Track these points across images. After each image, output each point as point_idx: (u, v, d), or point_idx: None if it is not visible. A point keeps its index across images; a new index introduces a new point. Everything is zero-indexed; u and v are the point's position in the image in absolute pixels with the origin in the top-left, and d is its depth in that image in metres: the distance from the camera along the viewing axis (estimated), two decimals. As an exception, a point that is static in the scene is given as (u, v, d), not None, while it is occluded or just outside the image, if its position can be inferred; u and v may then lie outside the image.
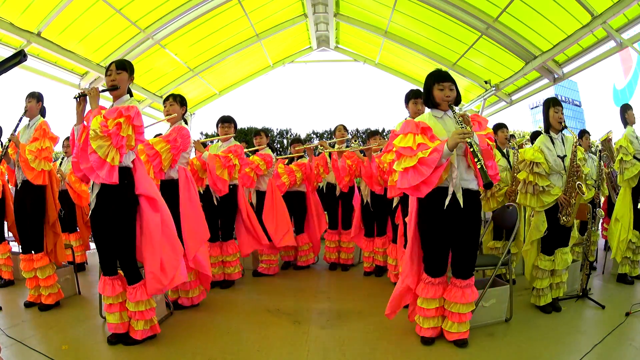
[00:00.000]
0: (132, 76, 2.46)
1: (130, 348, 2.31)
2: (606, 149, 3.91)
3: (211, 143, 3.90)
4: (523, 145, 3.92)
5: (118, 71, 2.37)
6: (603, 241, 4.82)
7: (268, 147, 4.17)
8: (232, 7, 5.69)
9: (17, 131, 3.04)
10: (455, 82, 2.32)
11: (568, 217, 2.69)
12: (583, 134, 4.32)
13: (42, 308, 2.93)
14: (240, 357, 2.23)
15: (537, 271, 2.82)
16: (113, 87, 2.36)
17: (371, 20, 6.49)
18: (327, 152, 4.20)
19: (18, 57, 1.29)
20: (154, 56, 6.11)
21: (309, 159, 4.31)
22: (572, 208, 2.67)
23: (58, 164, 4.25)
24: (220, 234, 3.60)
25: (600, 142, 4.04)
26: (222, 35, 6.38)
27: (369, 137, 3.89)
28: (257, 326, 2.67)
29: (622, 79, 13.88)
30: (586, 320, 2.74)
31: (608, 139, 3.89)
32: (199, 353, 2.26)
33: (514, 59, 5.86)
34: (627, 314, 2.65)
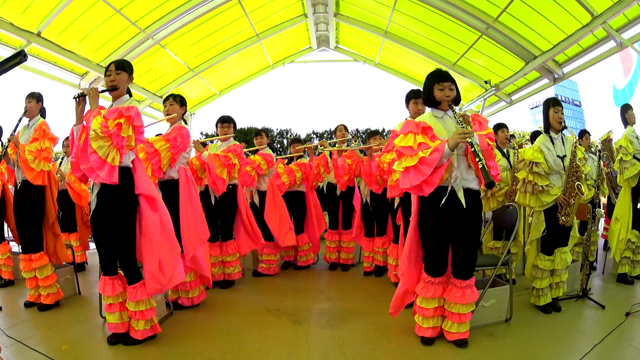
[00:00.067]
0: (132, 76, 2.46)
1: (130, 348, 2.31)
2: (606, 149, 3.92)
3: (211, 143, 3.90)
4: (523, 145, 3.92)
5: (117, 71, 2.37)
6: (603, 241, 4.83)
7: (268, 147, 4.17)
8: (232, 7, 5.69)
9: (17, 131, 3.05)
10: (455, 82, 2.32)
11: (567, 217, 2.69)
12: (583, 134, 4.32)
13: (42, 308, 2.93)
14: (240, 357, 2.23)
15: (537, 271, 2.82)
16: (112, 88, 2.36)
17: (371, 20, 6.48)
18: (328, 152, 4.21)
19: (18, 58, 1.29)
20: (154, 56, 6.11)
21: (310, 159, 4.31)
22: (571, 208, 2.67)
23: (58, 164, 4.25)
24: (220, 234, 3.60)
25: (600, 142, 4.05)
26: (222, 35, 6.38)
27: (369, 137, 3.89)
28: (257, 326, 2.67)
29: (622, 79, 13.87)
30: (586, 320, 2.74)
31: (608, 139, 3.90)
32: (199, 353, 2.26)
33: (514, 59, 5.86)
34: (627, 314, 2.65)
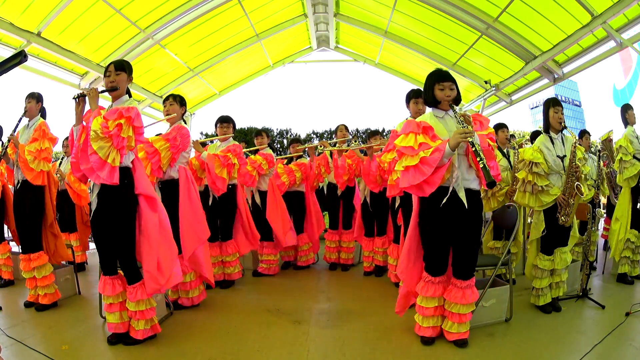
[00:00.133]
0: (131, 76, 2.46)
1: (130, 348, 2.31)
2: (607, 149, 3.92)
3: (211, 143, 3.91)
4: (523, 145, 3.92)
5: (117, 72, 2.37)
6: (603, 241, 4.83)
7: (269, 147, 4.17)
8: (232, 7, 5.69)
9: (17, 131, 3.05)
10: (455, 82, 2.32)
11: (567, 217, 2.69)
12: (583, 134, 4.33)
13: (39, 308, 2.93)
14: (240, 357, 2.23)
15: (537, 271, 2.82)
16: (112, 88, 2.36)
17: (371, 20, 6.48)
18: (328, 152, 4.21)
19: (18, 58, 1.29)
20: (154, 56, 6.11)
21: (310, 159, 4.32)
22: (571, 208, 2.67)
23: (58, 164, 4.25)
24: (219, 234, 3.60)
25: (600, 142, 4.04)
26: (222, 35, 6.38)
27: (370, 137, 3.89)
28: (257, 326, 2.67)
29: (622, 79, 13.87)
30: (586, 320, 2.74)
31: (609, 139, 3.90)
32: (199, 353, 2.26)
33: (514, 59, 5.86)
34: (627, 314, 2.65)
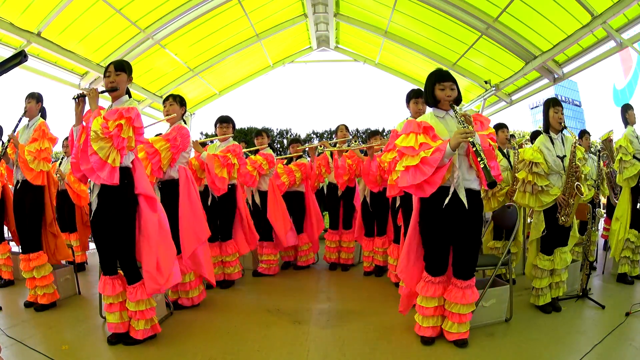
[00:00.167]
0: (131, 77, 2.46)
1: (130, 348, 2.31)
2: (607, 149, 3.91)
3: (211, 143, 3.91)
4: (523, 145, 3.92)
5: (117, 72, 2.37)
6: (603, 241, 4.83)
7: (269, 148, 4.17)
8: (232, 7, 5.68)
9: (17, 131, 3.05)
10: (456, 82, 2.31)
11: (567, 217, 2.69)
12: (583, 134, 4.33)
13: (38, 309, 2.93)
14: (240, 357, 2.23)
15: (536, 271, 2.82)
16: (112, 89, 2.37)
17: (371, 20, 6.48)
18: (329, 152, 4.21)
19: (19, 58, 1.29)
20: (154, 56, 6.11)
21: (311, 159, 4.32)
22: (571, 208, 2.67)
23: (58, 164, 4.25)
24: (219, 234, 3.60)
25: (601, 141, 4.04)
26: (222, 35, 6.37)
27: (370, 137, 3.88)
28: (257, 326, 2.67)
29: (622, 79, 13.87)
30: (586, 320, 2.74)
31: (609, 139, 3.89)
32: (199, 353, 2.26)
33: (514, 59, 5.85)
34: (627, 314, 2.65)
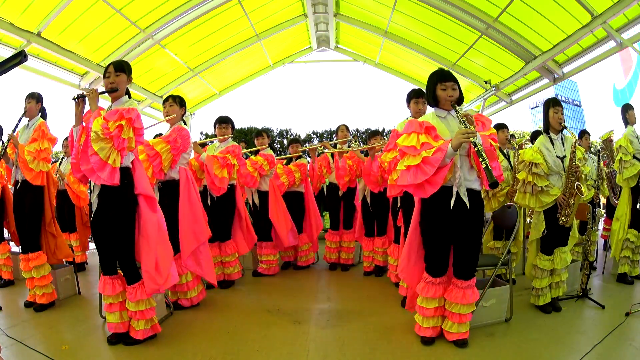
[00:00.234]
0: (130, 77, 2.47)
1: (130, 348, 2.31)
2: (607, 149, 3.91)
3: (211, 143, 3.91)
4: (523, 145, 3.92)
5: (117, 73, 2.37)
6: (603, 241, 4.83)
7: (269, 148, 4.18)
8: (232, 7, 5.68)
9: (17, 131, 3.05)
10: (457, 82, 2.31)
11: (567, 218, 2.69)
12: (583, 135, 4.33)
13: (38, 309, 2.93)
14: (240, 357, 2.23)
15: (536, 271, 2.82)
16: (112, 90, 2.37)
17: (371, 20, 6.48)
18: (329, 153, 4.21)
19: (18, 58, 1.29)
20: (154, 56, 6.10)
21: (312, 160, 4.32)
22: (571, 208, 2.67)
23: (57, 165, 4.25)
24: (218, 235, 3.59)
25: (601, 141, 4.04)
26: (222, 35, 6.37)
27: (370, 137, 3.87)
28: (257, 326, 2.67)
29: (622, 79, 13.86)
30: (586, 320, 2.74)
31: (609, 139, 3.89)
32: (199, 353, 2.26)
33: (514, 59, 5.85)
34: (627, 314, 2.65)
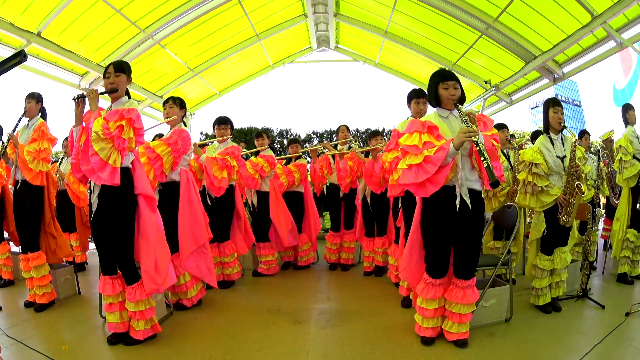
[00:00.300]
0: (130, 77, 2.47)
1: (130, 348, 2.31)
2: (607, 148, 3.91)
3: (211, 143, 3.91)
4: (523, 145, 3.92)
5: (117, 73, 2.37)
6: (603, 241, 4.83)
7: (269, 149, 4.18)
8: (232, 7, 5.68)
9: (16, 131, 3.05)
10: (459, 81, 2.31)
11: (568, 217, 2.68)
12: (583, 135, 4.32)
13: (38, 309, 2.93)
14: (240, 357, 2.23)
15: (536, 271, 2.82)
16: (112, 90, 2.37)
17: (371, 20, 6.48)
18: (330, 154, 4.21)
19: (18, 57, 1.29)
20: (154, 56, 6.11)
21: (312, 161, 4.32)
22: (572, 208, 2.67)
23: (57, 165, 4.25)
24: (217, 235, 3.58)
25: (602, 141, 4.04)
26: (222, 35, 6.38)
27: (371, 138, 3.85)
28: (257, 326, 2.67)
29: (622, 79, 13.85)
30: (586, 320, 2.74)
31: (610, 139, 3.89)
32: (199, 353, 2.26)
33: (514, 59, 5.86)
34: (627, 314, 2.65)
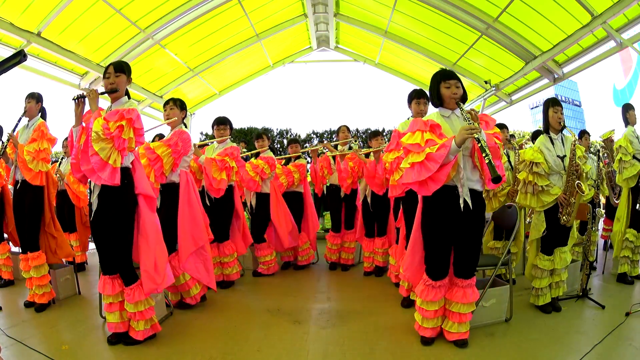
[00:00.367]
0: (130, 78, 2.47)
1: (130, 348, 2.31)
2: (608, 148, 3.91)
3: (210, 144, 3.91)
4: (523, 145, 3.92)
5: (117, 74, 2.37)
6: (602, 241, 4.83)
7: (269, 150, 4.17)
8: (232, 7, 5.68)
9: (16, 131, 3.05)
10: (460, 80, 2.32)
11: (568, 217, 2.68)
12: (583, 135, 4.32)
13: (39, 309, 2.94)
14: (240, 357, 2.23)
15: (536, 271, 2.82)
16: (112, 90, 2.37)
17: (371, 20, 6.48)
18: (331, 155, 4.21)
19: (18, 57, 1.29)
20: (154, 56, 6.11)
21: (313, 161, 4.32)
22: (572, 207, 2.67)
23: (57, 165, 4.25)
24: (217, 235, 3.58)
25: (602, 140, 4.04)
26: (222, 35, 6.38)
27: (371, 138, 3.86)
28: (257, 326, 2.67)
29: (622, 79, 13.84)
30: (586, 320, 2.73)
31: (610, 139, 3.89)
32: (199, 353, 2.26)
33: (514, 59, 5.85)
34: (627, 314, 2.65)
